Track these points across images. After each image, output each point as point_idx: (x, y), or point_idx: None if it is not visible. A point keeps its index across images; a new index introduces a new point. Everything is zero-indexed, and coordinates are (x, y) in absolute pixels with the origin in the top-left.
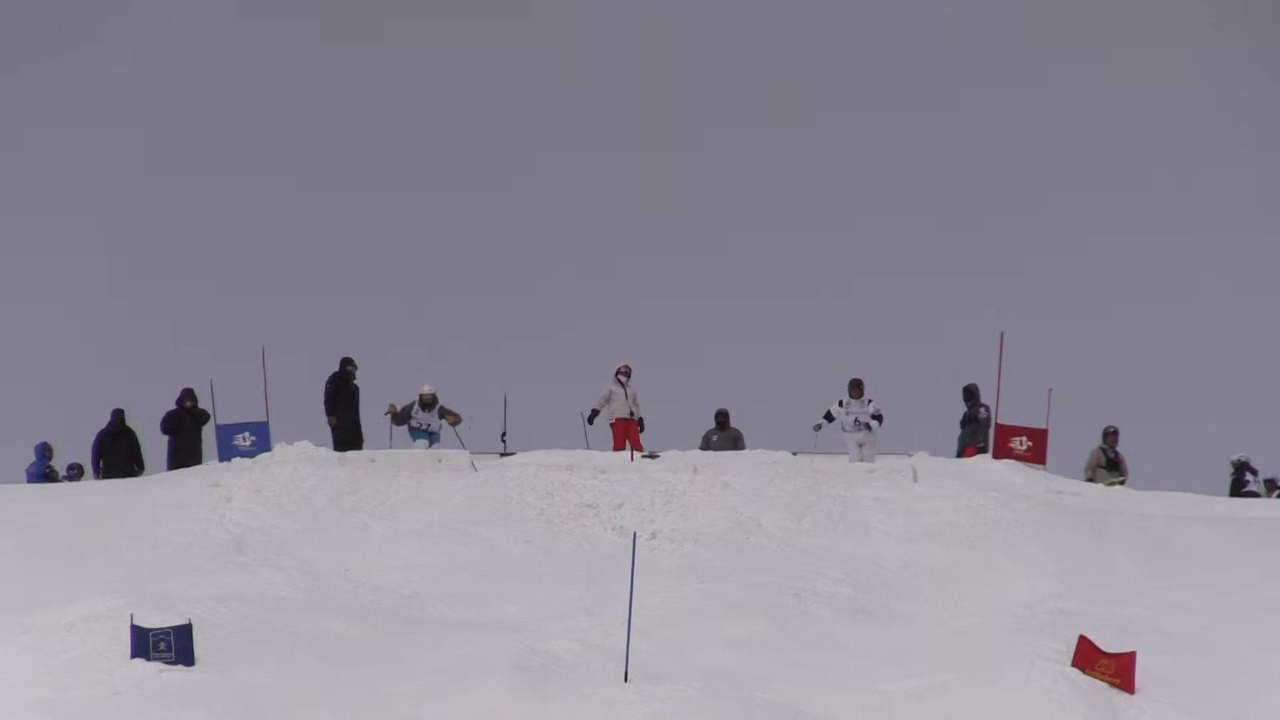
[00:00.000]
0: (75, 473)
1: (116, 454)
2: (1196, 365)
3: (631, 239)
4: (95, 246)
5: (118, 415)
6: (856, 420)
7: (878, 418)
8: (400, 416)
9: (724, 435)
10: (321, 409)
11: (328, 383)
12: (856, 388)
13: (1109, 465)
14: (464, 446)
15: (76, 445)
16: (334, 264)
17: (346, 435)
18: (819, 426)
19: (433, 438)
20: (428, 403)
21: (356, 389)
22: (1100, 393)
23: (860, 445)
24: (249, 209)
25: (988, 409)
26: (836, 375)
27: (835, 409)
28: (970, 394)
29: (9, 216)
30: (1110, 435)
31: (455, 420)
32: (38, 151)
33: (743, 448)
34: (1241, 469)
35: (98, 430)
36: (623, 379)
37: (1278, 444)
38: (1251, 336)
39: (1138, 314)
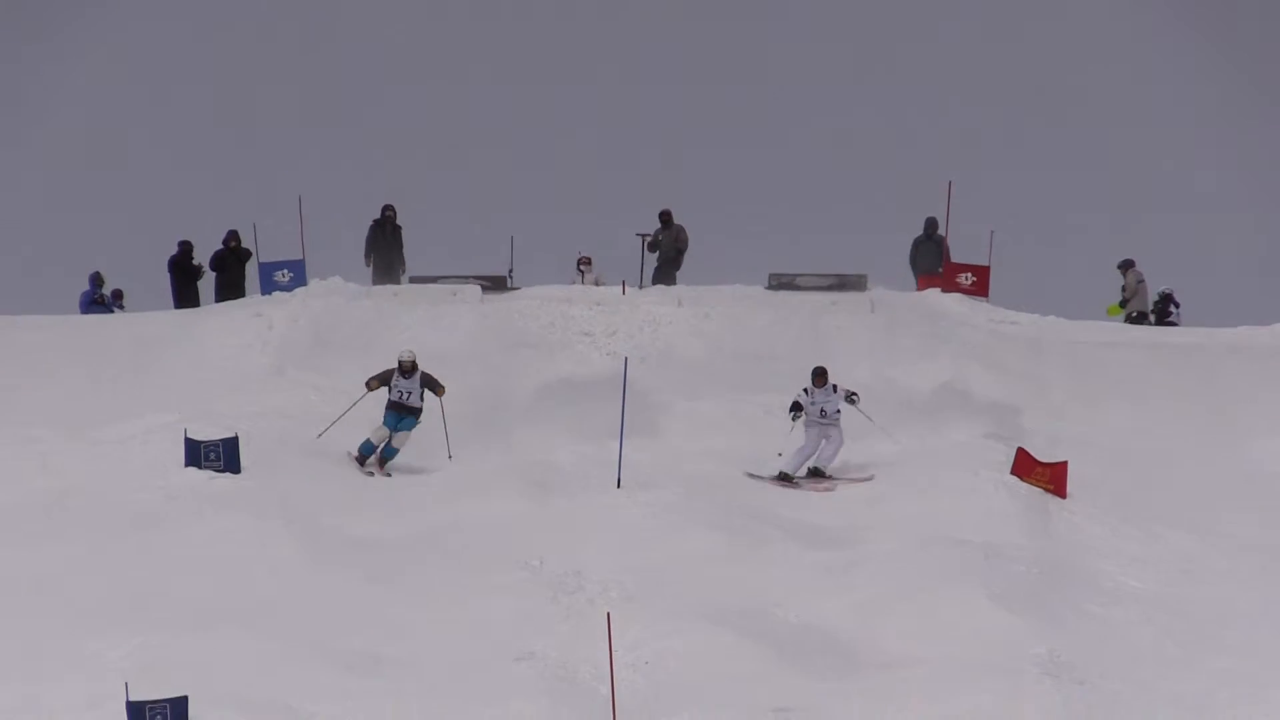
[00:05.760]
0: (115, 297)
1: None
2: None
3: (635, 85)
4: (156, 102)
5: (185, 246)
6: (823, 411)
7: (854, 395)
8: (371, 382)
9: (668, 233)
10: (355, 247)
11: (369, 230)
12: (820, 376)
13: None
14: (446, 431)
15: (130, 276)
16: (363, 117)
17: (382, 274)
18: (795, 416)
19: (406, 420)
20: (406, 369)
21: (399, 229)
22: (1034, 234)
23: (826, 439)
24: (288, 67)
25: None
26: (801, 197)
27: (801, 397)
28: (931, 224)
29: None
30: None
31: (439, 389)
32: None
33: (685, 241)
34: (1165, 300)
35: (168, 258)
36: (583, 268)
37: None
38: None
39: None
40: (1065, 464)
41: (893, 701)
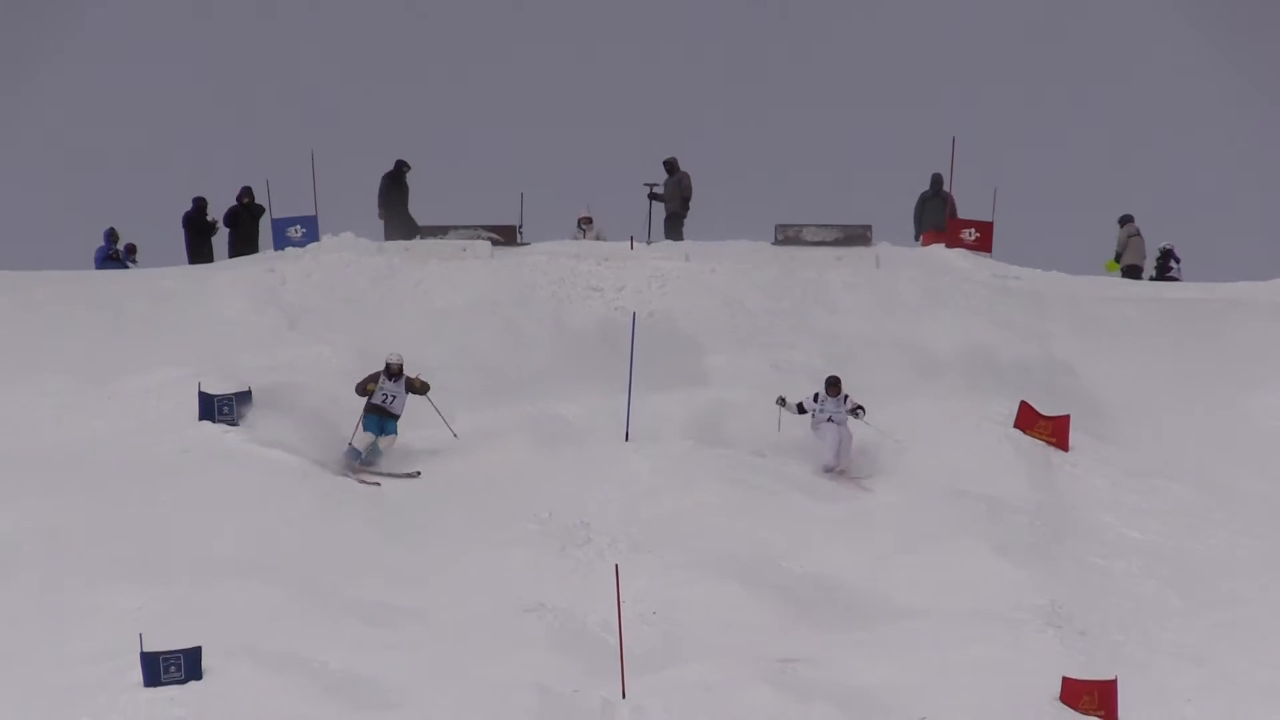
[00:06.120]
0: (129, 252)
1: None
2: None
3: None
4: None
5: (199, 202)
6: (831, 419)
7: (860, 409)
8: (364, 386)
9: (671, 180)
10: (367, 204)
11: (381, 181)
12: (833, 386)
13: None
14: (441, 415)
15: (144, 232)
16: (376, 74)
17: (396, 229)
18: (783, 402)
19: (389, 424)
20: (394, 372)
21: (407, 187)
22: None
23: (838, 444)
24: (303, 24)
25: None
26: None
27: (809, 403)
28: (937, 180)
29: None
30: (1165, 254)
31: (424, 388)
32: None
33: (689, 189)
34: (1166, 256)
35: (182, 214)
36: (584, 227)
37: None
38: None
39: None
40: (1068, 417)
41: (897, 651)
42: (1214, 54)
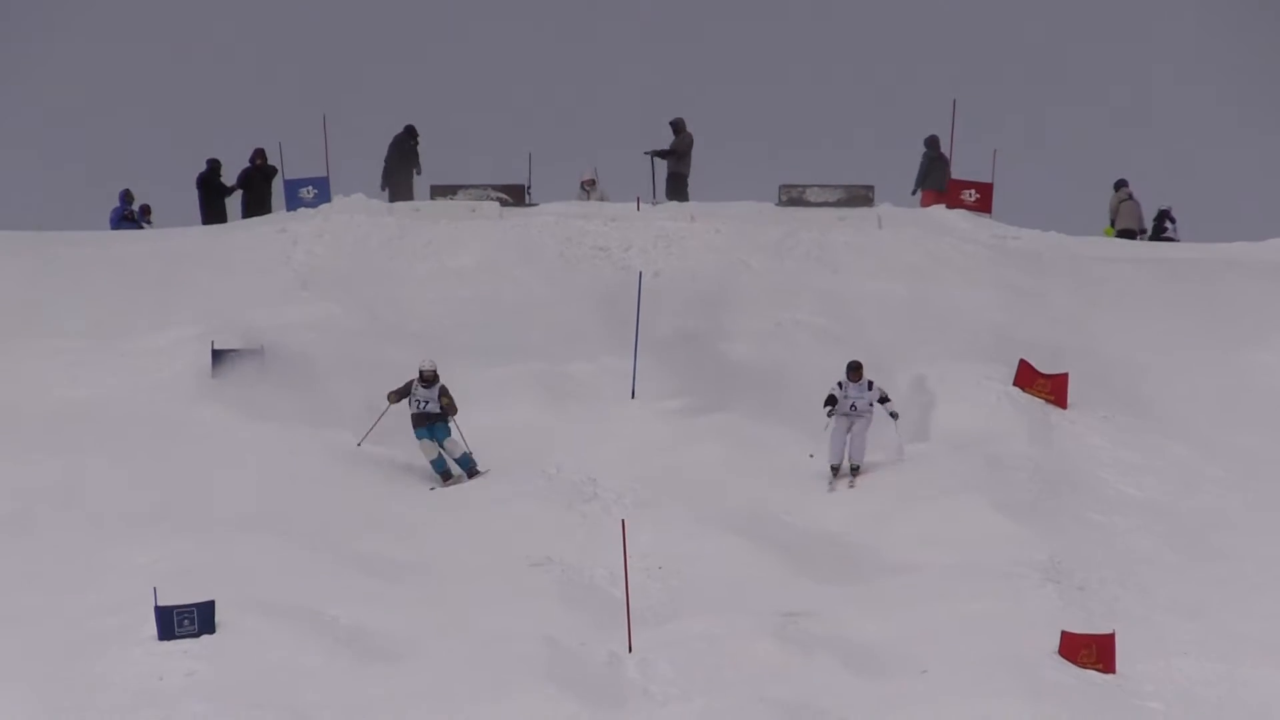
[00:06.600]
0: (144, 212)
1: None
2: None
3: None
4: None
5: (213, 164)
6: (854, 405)
7: (885, 400)
8: (398, 395)
9: (677, 140)
10: (378, 166)
11: (390, 148)
12: (855, 370)
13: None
14: (467, 445)
15: (156, 193)
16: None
17: (401, 191)
18: (830, 412)
19: (438, 429)
20: (428, 378)
21: (417, 154)
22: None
23: (846, 444)
24: None
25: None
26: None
27: (835, 390)
28: (933, 142)
29: None
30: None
31: (451, 409)
32: None
33: (685, 145)
34: (1162, 217)
35: (196, 175)
36: (587, 189)
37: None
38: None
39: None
40: (1066, 375)
41: (898, 606)
42: (1212, 15)
